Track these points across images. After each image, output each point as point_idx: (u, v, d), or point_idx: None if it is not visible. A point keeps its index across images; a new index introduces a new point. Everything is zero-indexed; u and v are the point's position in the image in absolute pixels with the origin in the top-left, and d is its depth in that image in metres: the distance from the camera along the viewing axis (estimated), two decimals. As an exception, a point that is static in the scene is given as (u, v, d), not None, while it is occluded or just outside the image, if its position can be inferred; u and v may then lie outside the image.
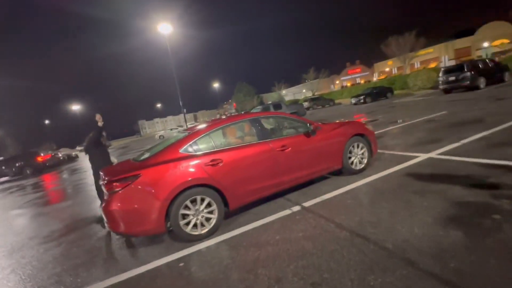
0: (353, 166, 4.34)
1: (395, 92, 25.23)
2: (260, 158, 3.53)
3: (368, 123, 4.74)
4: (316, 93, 51.78)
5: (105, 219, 3.09)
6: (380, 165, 4.63)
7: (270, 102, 18.45)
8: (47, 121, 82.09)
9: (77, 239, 4.05)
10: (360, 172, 4.40)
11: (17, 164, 19.29)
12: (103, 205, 3.07)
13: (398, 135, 6.86)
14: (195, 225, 3.15)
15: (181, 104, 36.89)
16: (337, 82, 71.12)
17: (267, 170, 3.58)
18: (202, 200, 3.20)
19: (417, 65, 46.56)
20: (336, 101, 33.69)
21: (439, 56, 42.36)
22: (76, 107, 59.59)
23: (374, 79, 58.50)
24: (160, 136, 37.16)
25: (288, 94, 71.07)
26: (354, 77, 70.31)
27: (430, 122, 7.67)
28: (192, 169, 3.15)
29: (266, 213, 3.52)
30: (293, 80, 66.67)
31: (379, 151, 5.48)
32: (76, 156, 28.23)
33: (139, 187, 2.97)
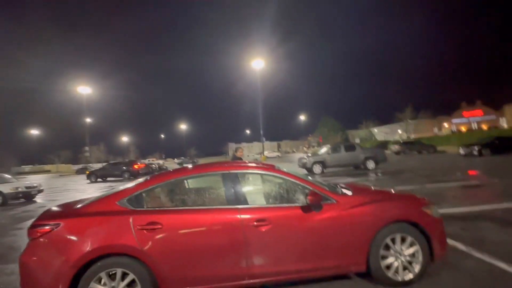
0: (389, 274, 2.54)
1: (534, 146, 18.19)
2: (219, 231, 2.38)
3: (432, 207, 2.77)
4: (412, 136, 43.99)
5: None
6: (449, 281, 2.60)
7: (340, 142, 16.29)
8: (162, 135, 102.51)
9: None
10: (404, 286, 2.54)
11: (122, 168, 23.62)
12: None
13: (516, 223, 4.17)
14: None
15: (261, 133, 38.72)
16: (446, 125, 58.96)
17: (228, 252, 2.38)
18: (124, 276, 2.30)
19: None
20: (439, 148, 27.32)
21: None
22: (183, 126, 74.00)
23: (504, 125, 45.45)
24: (236, 160, 39.01)
25: (379, 133, 63.64)
26: (472, 120, 56.78)
27: None
28: (119, 231, 2.33)
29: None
30: (384, 118, 59.26)
31: (460, 248, 3.28)
32: (166, 168, 32.65)
33: (55, 240, 2.35)
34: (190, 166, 3.22)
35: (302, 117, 75.95)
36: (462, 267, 2.87)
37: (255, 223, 2.40)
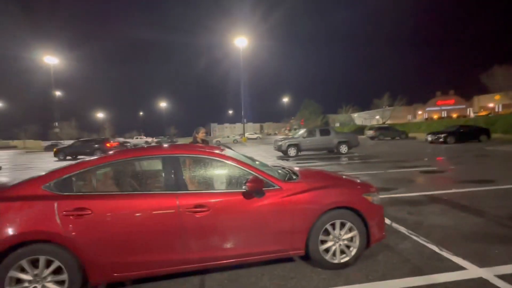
0: (327, 257, 2.63)
1: (493, 135, 19.56)
2: (154, 217, 2.30)
3: (373, 194, 2.82)
4: (387, 122, 45.62)
5: None
6: (382, 262, 2.75)
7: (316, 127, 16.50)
8: (141, 113, 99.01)
9: None
10: (341, 268, 2.65)
11: (93, 146, 22.61)
12: None
13: (456, 211, 4.48)
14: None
15: (242, 114, 38.37)
16: (420, 112, 61.59)
17: (163, 238, 2.32)
18: (49, 263, 2.18)
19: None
20: (411, 135, 28.61)
21: None
22: (163, 104, 72.48)
23: (471, 114, 48.25)
24: (216, 141, 38.64)
25: (358, 118, 65.36)
26: (444, 109, 59.66)
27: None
28: (42, 217, 2.17)
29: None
30: (364, 104, 60.68)
31: (402, 231, 3.47)
32: None
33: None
34: (166, 145, 3.06)
35: (285, 100, 75.95)
36: (398, 249, 3.05)
37: (193, 209, 2.34)
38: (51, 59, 36.69)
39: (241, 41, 35.23)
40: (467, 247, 3.03)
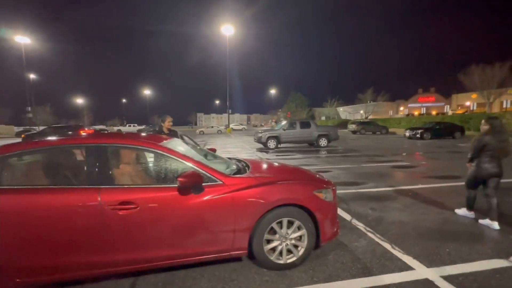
0: (272, 257, 2.46)
1: (467, 132, 20.30)
2: (72, 215, 2.02)
3: (325, 191, 2.64)
4: (370, 117, 46.48)
5: None
6: (332, 262, 2.62)
7: (297, 119, 16.41)
8: (124, 100, 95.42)
9: None
10: (287, 269, 2.50)
11: (66, 133, 21.50)
12: None
13: (418, 207, 4.46)
14: None
15: (227, 104, 37.74)
16: (402, 108, 63.18)
17: (82, 238, 2.05)
18: None
19: (506, 104, 37.65)
20: (391, 130, 29.25)
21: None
22: (146, 91, 70.53)
23: (449, 112, 50.06)
24: (200, 131, 37.94)
25: (343, 112, 66.19)
26: (424, 106, 61.49)
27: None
28: None
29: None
30: (349, 99, 61.26)
31: (359, 229, 3.37)
32: None
33: None
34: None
35: (273, 91, 75.50)
36: (352, 247, 2.94)
37: (118, 206, 2.07)
38: (22, 38, 34.25)
39: (227, 29, 34.28)
40: (420, 245, 2.97)
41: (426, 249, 2.87)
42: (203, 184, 2.28)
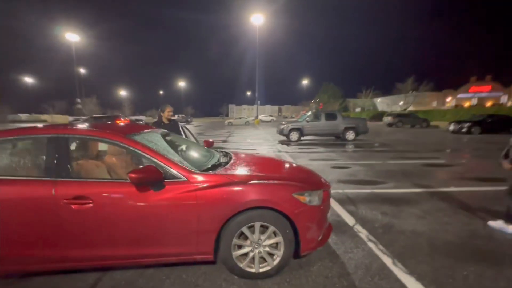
0: (242, 265, 2.20)
1: (529, 127, 17.41)
2: (22, 207, 1.96)
3: (308, 194, 2.27)
4: (410, 109, 42.59)
5: None
6: (314, 275, 2.27)
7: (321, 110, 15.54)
8: (161, 92, 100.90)
9: None
10: (259, 279, 2.22)
11: (105, 122, 23.37)
12: None
13: (442, 214, 3.81)
14: None
15: (256, 95, 37.50)
16: (449, 99, 56.82)
17: (37, 232, 2.00)
18: None
19: None
20: (434, 123, 26.47)
21: None
22: (182, 83, 74.05)
23: (509, 103, 43.78)
24: (229, 122, 38.39)
25: (381, 104, 61.76)
26: (477, 96, 54.53)
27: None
28: None
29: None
30: (387, 89, 56.59)
31: (361, 237, 2.92)
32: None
33: None
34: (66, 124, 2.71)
35: (305, 82, 73.31)
36: (344, 259, 2.55)
37: (72, 200, 1.97)
38: (72, 36, 37.58)
39: (257, 18, 33.68)
40: (430, 263, 2.46)
41: (437, 269, 2.36)
42: (165, 180, 2.08)
